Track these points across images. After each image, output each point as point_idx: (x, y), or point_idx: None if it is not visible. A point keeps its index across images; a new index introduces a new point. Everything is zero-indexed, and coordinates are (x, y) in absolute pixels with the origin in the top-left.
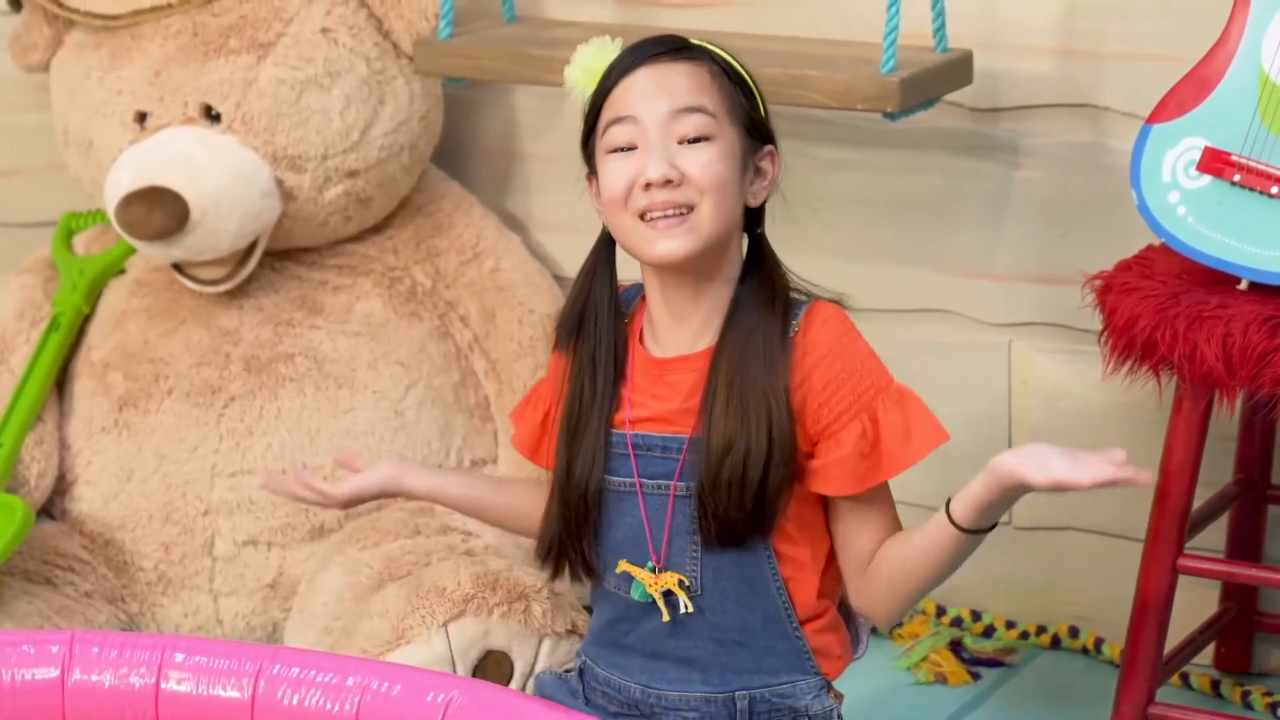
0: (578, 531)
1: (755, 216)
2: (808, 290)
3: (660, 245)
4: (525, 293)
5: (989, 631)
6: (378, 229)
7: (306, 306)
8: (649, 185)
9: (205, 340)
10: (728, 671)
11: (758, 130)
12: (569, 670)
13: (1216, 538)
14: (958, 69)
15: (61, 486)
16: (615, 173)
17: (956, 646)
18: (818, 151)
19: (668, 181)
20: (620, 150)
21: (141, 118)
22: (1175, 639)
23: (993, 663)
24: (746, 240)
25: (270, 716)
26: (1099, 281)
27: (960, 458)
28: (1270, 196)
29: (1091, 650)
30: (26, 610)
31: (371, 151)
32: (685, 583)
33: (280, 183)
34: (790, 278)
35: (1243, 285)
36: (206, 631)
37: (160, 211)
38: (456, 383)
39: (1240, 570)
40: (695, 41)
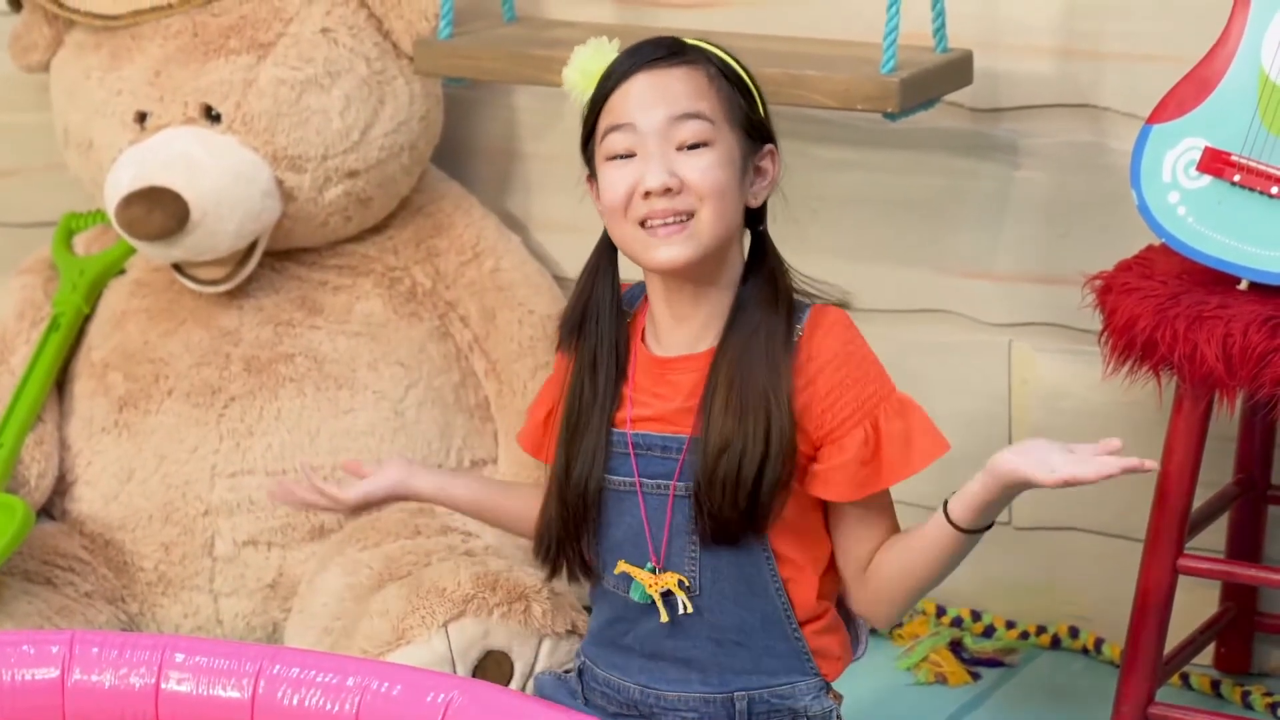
0: (576, 531)
1: (757, 215)
2: (812, 290)
3: (660, 253)
4: (525, 293)
5: (989, 631)
6: (378, 229)
7: (306, 307)
8: (648, 194)
9: (205, 340)
10: (726, 672)
11: (757, 131)
12: (568, 670)
13: (1216, 538)
14: (958, 69)
15: (61, 487)
16: (615, 181)
17: (956, 647)
18: (818, 151)
19: (667, 190)
20: (619, 158)
21: (141, 118)
22: (1175, 639)
23: (993, 663)
24: (749, 238)
25: (270, 717)
26: (1099, 281)
27: (960, 458)
28: (1270, 197)
29: (1091, 650)
30: (26, 610)
31: (371, 152)
32: (685, 583)
33: (280, 183)
34: (793, 275)
35: (1243, 285)
36: (206, 632)
37: (160, 212)
38: (456, 383)
39: (1240, 570)
40: (692, 42)
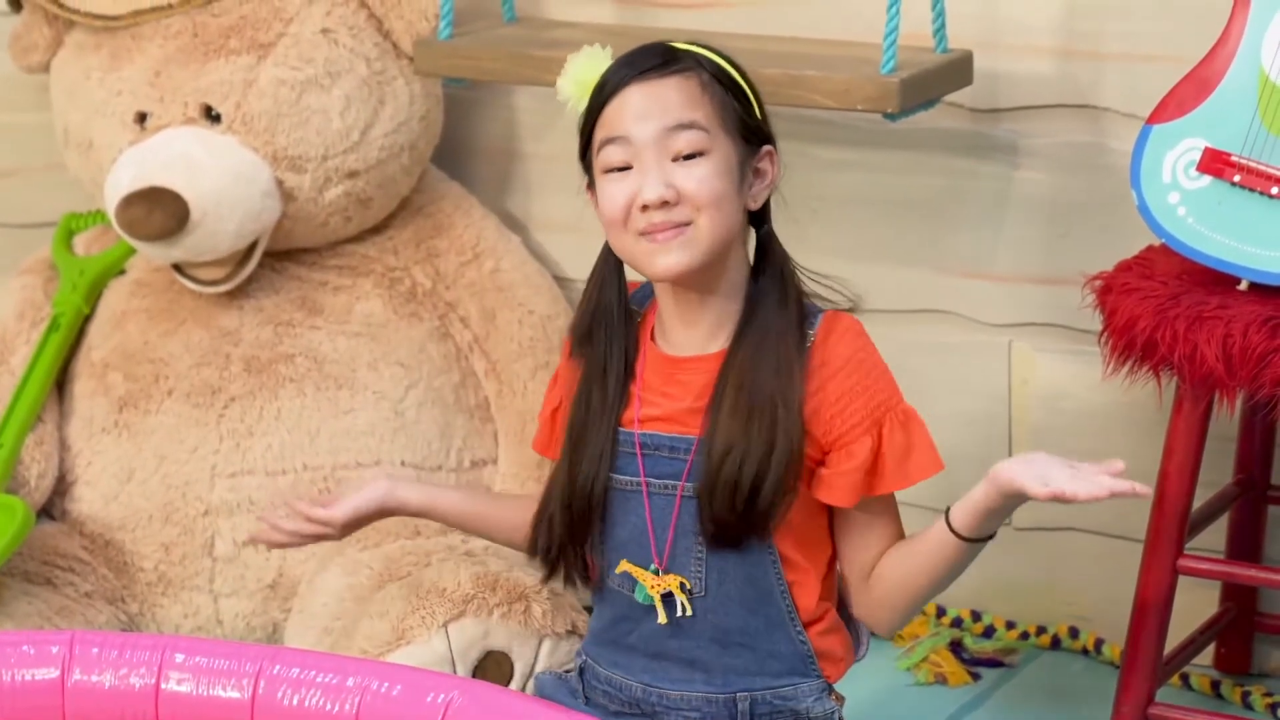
0: (579, 535)
1: (760, 216)
2: (819, 286)
3: (660, 261)
4: (525, 293)
5: (989, 632)
6: (378, 229)
7: (307, 307)
8: (646, 207)
9: (205, 341)
10: (730, 673)
11: (753, 134)
12: (569, 670)
13: (1216, 538)
14: (958, 69)
15: (61, 487)
16: (613, 194)
17: (956, 647)
18: (818, 152)
19: (664, 203)
20: (616, 170)
21: (142, 118)
22: (1175, 639)
23: (993, 663)
24: (754, 239)
25: (270, 717)
26: (1099, 282)
27: (960, 458)
28: (1270, 197)
29: (1091, 651)
30: (26, 611)
31: (371, 152)
32: (686, 585)
33: (280, 183)
34: (800, 273)
35: (1243, 286)
36: (206, 632)
37: (160, 212)
38: (456, 383)
39: (1240, 571)
40: (684, 46)
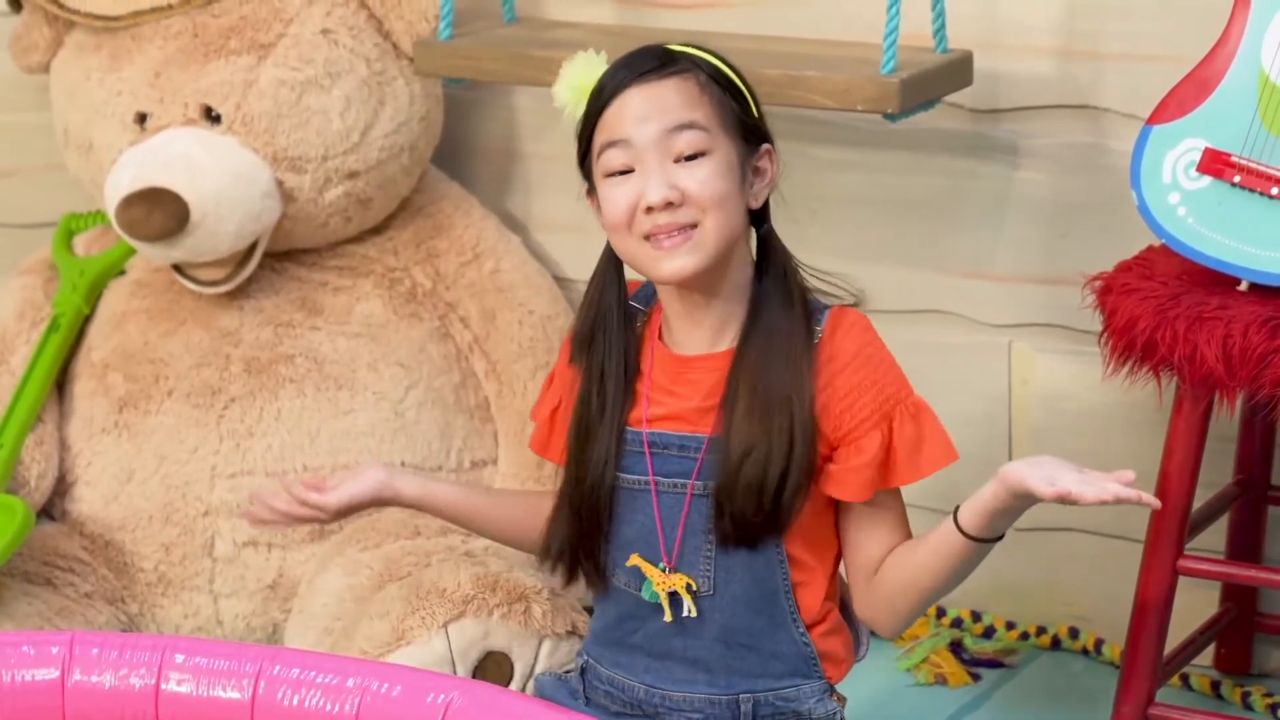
0: (589, 537)
1: (760, 215)
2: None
3: (666, 265)
4: (525, 294)
5: (989, 632)
6: (378, 230)
7: (307, 308)
8: (650, 209)
9: (205, 341)
10: (733, 674)
11: (752, 133)
12: (569, 671)
13: (1216, 538)
14: (958, 70)
15: (61, 487)
16: (615, 198)
17: (957, 647)
18: (818, 152)
19: (669, 204)
20: (618, 174)
21: (142, 119)
22: (1175, 640)
23: (993, 664)
24: (755, 238)
25: (270, 717)
26: (1099, 282)
27: (961, 458)
28: (1270, 198)
29: (1091, 651)
30: (26, 611)
31: (371, 152)
32: (693, 586)
33: (280, 184)
34: (802, 270)
35: (1243, 286)
36: (206, 632)
37: (160, 212)
38: (457, 384)
39: (1240, 571)
40: (679, 48)
